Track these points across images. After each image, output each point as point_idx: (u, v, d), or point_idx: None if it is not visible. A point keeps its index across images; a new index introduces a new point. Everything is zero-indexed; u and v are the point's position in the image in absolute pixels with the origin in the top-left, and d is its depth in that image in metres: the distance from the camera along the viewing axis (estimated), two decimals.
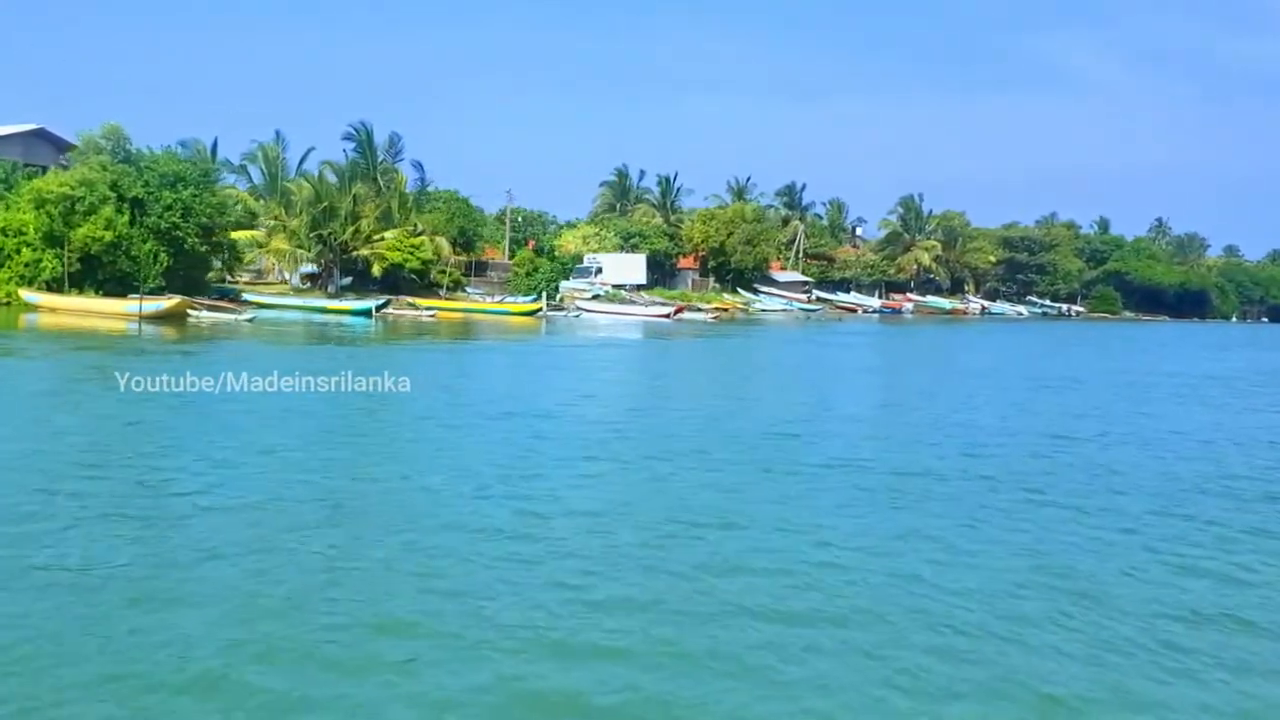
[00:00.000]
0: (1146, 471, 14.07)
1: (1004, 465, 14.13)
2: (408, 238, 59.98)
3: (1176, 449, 16.42)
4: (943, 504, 11.32)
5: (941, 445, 15.68)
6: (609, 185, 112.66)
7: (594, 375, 26.47)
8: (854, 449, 14.95)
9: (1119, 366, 37.94)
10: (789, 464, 13.43)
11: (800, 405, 20.88)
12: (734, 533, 9.65)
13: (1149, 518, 11.03)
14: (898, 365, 37.78)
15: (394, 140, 67.97)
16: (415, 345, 35.86)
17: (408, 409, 17.43)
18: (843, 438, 16.24)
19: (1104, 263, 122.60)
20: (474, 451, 13.56)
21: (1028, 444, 16.21)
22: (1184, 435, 18.26)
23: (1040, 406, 22.42)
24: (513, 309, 57.52)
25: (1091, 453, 15.63)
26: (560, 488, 11.35)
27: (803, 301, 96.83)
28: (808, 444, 15.41)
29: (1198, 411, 22.86)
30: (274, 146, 67.53)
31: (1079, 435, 17.53)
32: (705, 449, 14.29)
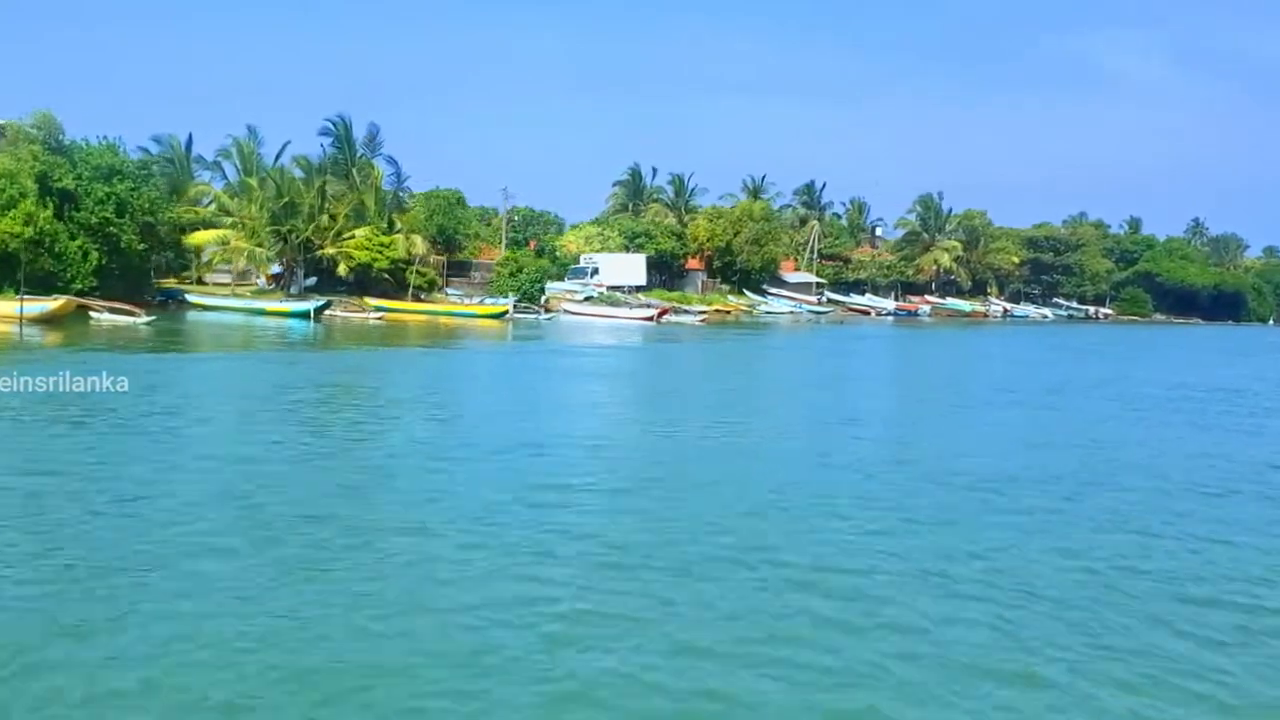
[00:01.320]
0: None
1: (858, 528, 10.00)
2: (377, 235, 56.33)
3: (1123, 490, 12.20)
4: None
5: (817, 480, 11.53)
6: (621, 185, 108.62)
7: (499, 387, 22.52)
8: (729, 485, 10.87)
9: (1115, 375, 33.30)
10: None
11: (698, 432, 16.81)
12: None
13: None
14: (873, 375, 33.39)
15: (373, 134, 64.52)
16: (332, 351, 32.13)
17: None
18: (701, 488, 12.13)
19: (1134, 263, 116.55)
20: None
21: (900, 491, 12.05)
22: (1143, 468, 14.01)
23: (964, 432, 18.20)
24: (479, 311, 53.70)
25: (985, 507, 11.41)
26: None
27: (812, 304, 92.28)
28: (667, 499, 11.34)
29: (1177, 434, 18.56)
30: (248, 142, 64.21)
31: (969, 472, 13.28)
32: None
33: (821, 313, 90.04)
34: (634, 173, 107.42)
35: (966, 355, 45.84)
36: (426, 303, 57.25)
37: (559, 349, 38.57)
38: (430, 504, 10.48)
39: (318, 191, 55.33)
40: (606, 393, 22.87)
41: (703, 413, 19.25)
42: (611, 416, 18.63)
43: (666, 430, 16.66)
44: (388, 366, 27.42)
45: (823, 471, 13.39)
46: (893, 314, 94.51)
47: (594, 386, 23.82)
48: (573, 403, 20.34)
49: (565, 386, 23.53)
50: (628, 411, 19.95)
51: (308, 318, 43.94)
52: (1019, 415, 20.90)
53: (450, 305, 55.47)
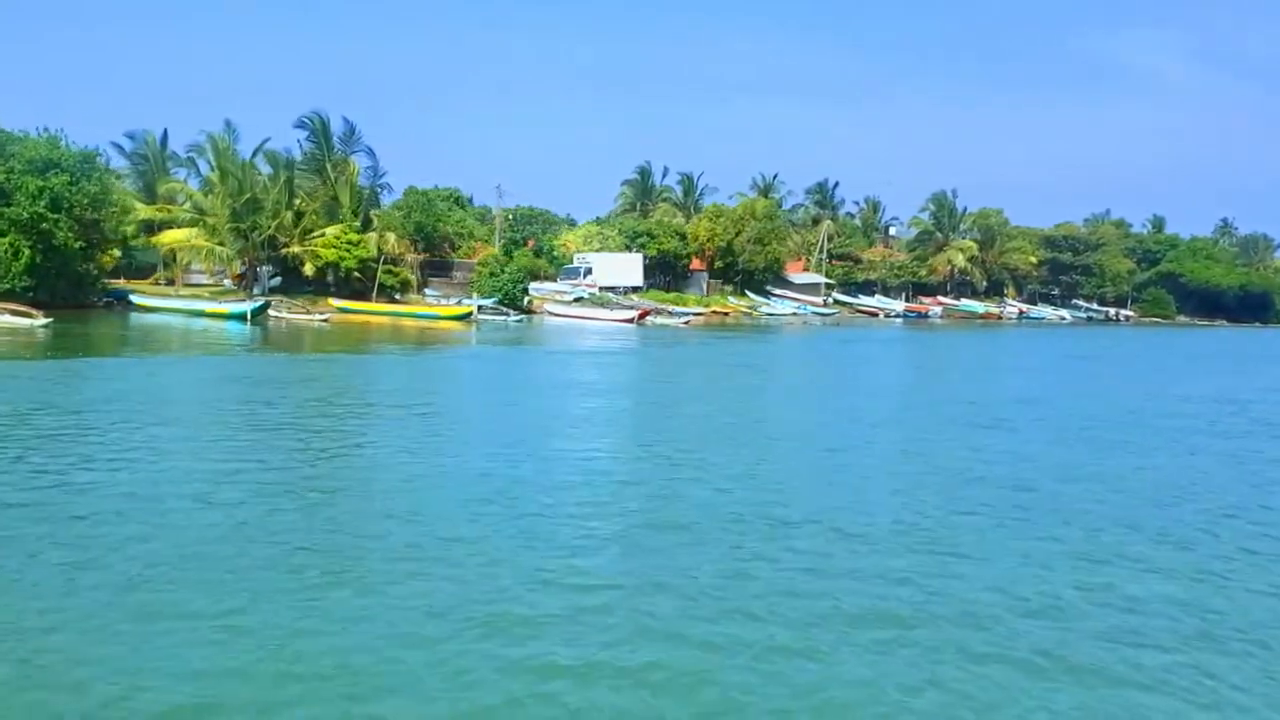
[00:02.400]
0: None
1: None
2: (345, 234, 53.35)
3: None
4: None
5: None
6: (630, 184, 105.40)
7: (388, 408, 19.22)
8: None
9: (1100, 387, 29.62)
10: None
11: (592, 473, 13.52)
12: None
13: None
14: (838, 390, 29.86)
15: (351, 129, 61.60)
16: (251, 356, 29.06)
17: None
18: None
19: (1157, 264, 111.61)
20: None
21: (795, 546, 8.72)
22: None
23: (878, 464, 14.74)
24: (443, 312, 50.54)
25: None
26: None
27: (817, 305, 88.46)
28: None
29: (1161, 459, 15.03)
30: (224, 137, 61.40)
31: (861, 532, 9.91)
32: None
33: (827, 314, 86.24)
34: (643, 172, 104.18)
35: (956, 362, 42.13)
36: (400, 304, 54.31)
37: (510, 356, 35.36)
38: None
39: (282, 187, 52.45)
40: (495, 423, 19.52)
41: (604, 452, 15.90)
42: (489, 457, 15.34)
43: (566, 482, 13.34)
44: (290, 377, 24.26)
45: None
46: (901, 316, 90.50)
47: (494, 411, 20.50)
48: (467, 436, 17.02)
49: (480, 408, 20.22)
50: (513, 447, 16.63)
51: (244, 320, 40.97)
52: (956, 446, 17.34)
53: (414, 306, 52.35)
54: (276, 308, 45.23)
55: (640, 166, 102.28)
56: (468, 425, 16.62)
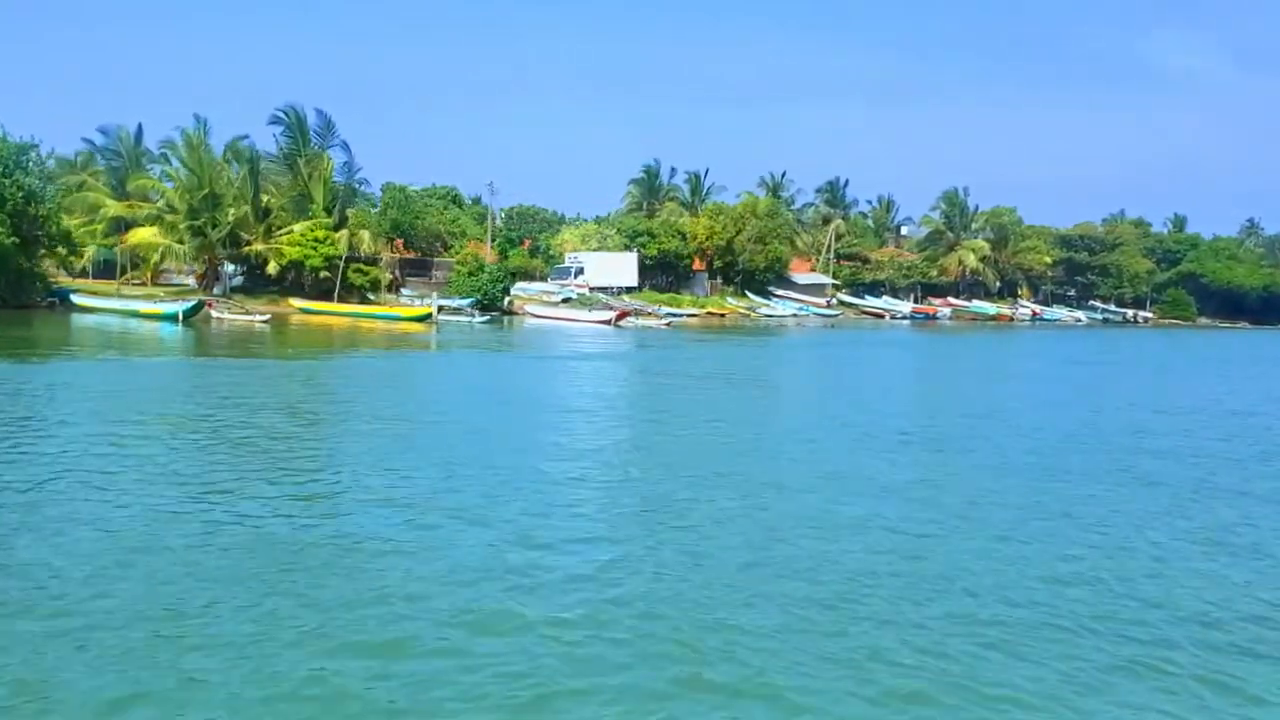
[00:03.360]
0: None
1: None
2: (312, 231, 50.79)
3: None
4: None
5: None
6: (636, 183, 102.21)
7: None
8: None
9: (1079, 397, 26.31)
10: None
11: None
12: None
13: None
14: (768, 403, 26.76)
15: (326, 123, 59.01)
16: (161, 359, 26.37)
17: None
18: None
19: (1177, 264, 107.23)
20: None
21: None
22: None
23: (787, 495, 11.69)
24: (403, 313, 47.78)
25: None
26: None
27: (820, 306, 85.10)
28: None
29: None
30: (197, 133, 59.02)
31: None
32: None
33: (829, 315, 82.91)
34: (650, 171, 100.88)
35: (939, 369, 38.84)
36: (372, 304, 51.69)
37: (454, 361, 32.45)
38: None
39: (244, 181, 49.96)
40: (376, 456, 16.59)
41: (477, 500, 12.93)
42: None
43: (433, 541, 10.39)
44: (180, 385, 21.50)
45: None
46: (908, 317, 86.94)
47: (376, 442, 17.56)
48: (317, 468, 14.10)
49: (363, 435, 17.29)
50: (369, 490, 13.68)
51: (175, 321, 38.37)
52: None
53: (375, 307, 49.60)
54: (218, 308, 42.65)
55: (647, 165, 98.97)
56: (321, 460, 13.70)
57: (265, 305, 49.08)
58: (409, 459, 13.24)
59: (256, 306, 44.79)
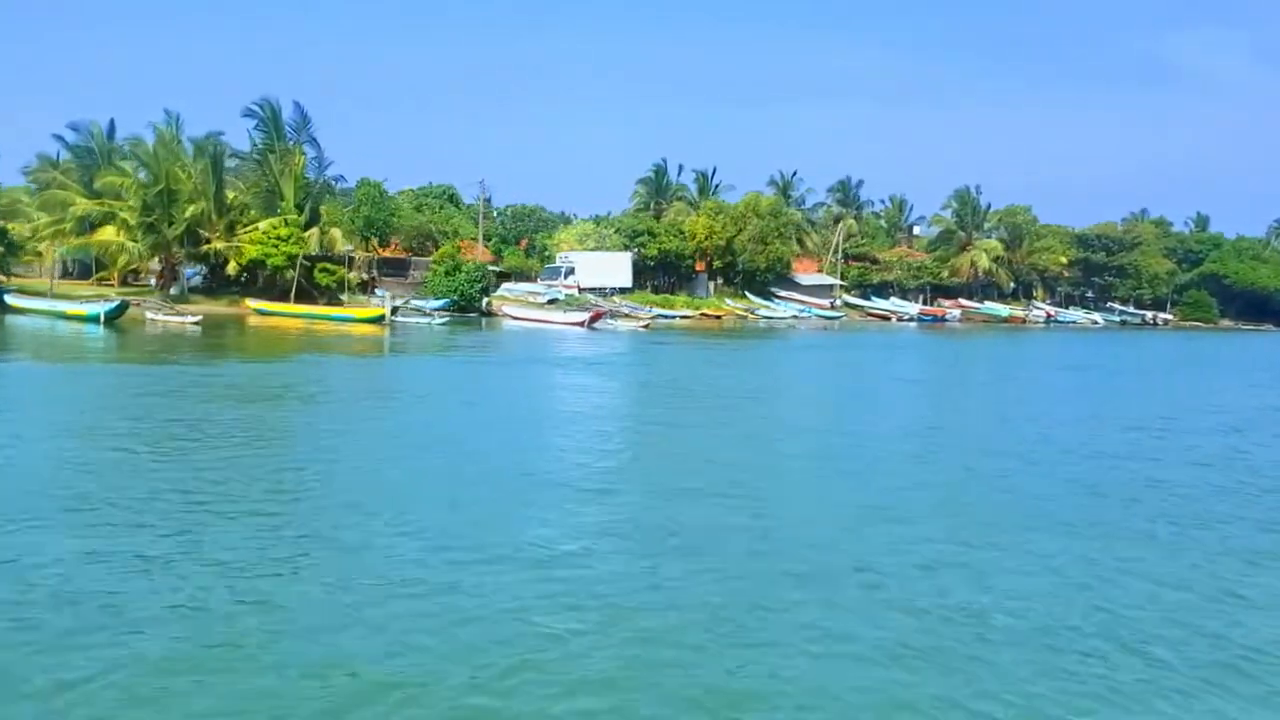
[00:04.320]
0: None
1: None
2: (276, 228, 48.20)
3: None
4: None
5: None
6: (644, 182, 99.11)
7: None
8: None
9: (1043, 410, 23.06)
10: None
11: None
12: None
13: None
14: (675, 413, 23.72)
15: (302, 117, 56.43)
16: (42, 369, 23.78)
17: None
18: None
19: (1199, 264, 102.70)
20: None
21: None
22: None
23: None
24: (356, 314, 45.02)
25: None
26: None
27: (824, 308, 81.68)
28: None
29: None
30: (169, 128, 56.59)
31: None
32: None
33: (832, 318, 79.55)
34: (658, 170, 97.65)
35: (912, 374, 35.56)
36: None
37: (385, 370, 29.68)
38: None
39: (203, 176, 47.44)
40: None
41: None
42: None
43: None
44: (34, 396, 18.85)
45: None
46: (916, 319, 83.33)
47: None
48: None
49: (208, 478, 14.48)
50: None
51: (98, 322, 35.83)
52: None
53: (329, 309, 46.82)
54: (147, 307, 40.08)
55: (655, 164, 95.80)
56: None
57: (223, 306, 46.67)
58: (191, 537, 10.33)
59: (192, 308, 42.18)
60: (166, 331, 35.90)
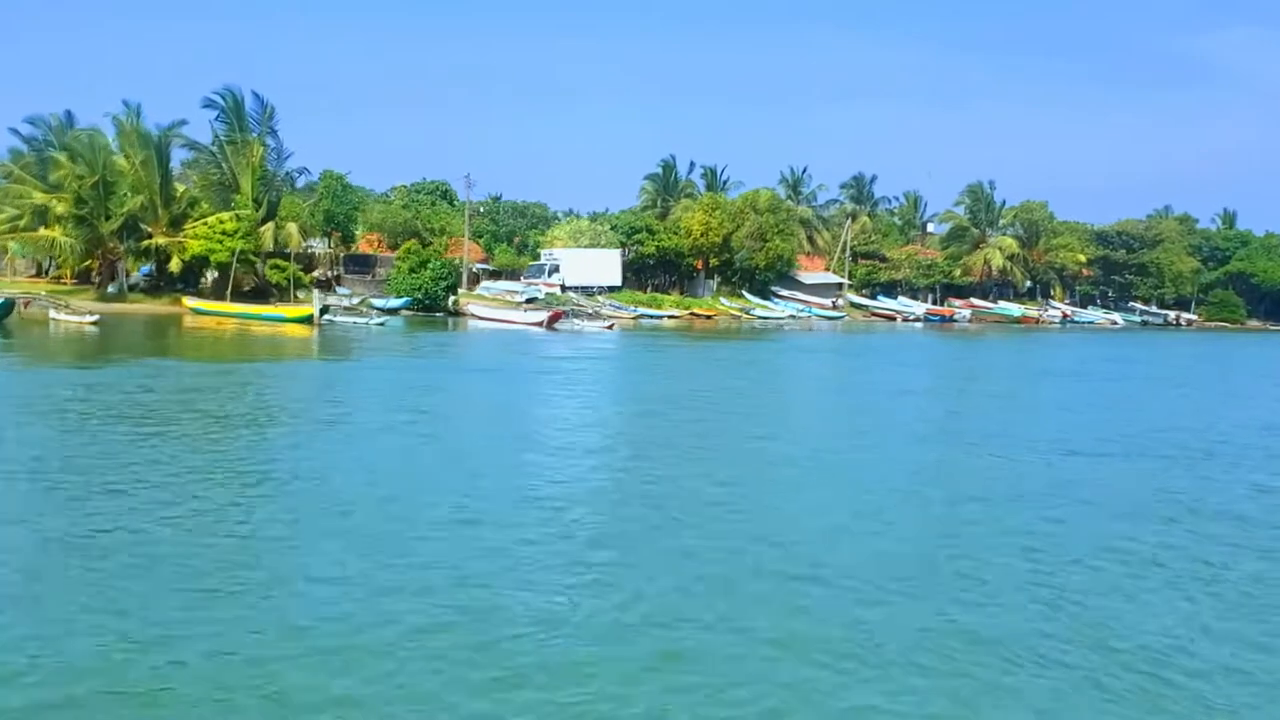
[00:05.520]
0: None
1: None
2: (221, 222, 44.98)
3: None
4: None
5: None
6: (652, 179, 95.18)
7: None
8: None
9: (979, 425, 19.02)
10: None
11: None
12: None
13: None
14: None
15: (264, 107, 53.28)
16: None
17: None
18: None
19: (1225, 263, 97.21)
20: None
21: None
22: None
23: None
24: (287, 314, 41.58)
25: None
26: None
27: (826, 307, 77.48)
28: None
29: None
30: (128, 120, 53.50)
31: None
32: None
33: (834, 318, 75.36)
34: (666, 166, 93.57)
35: (872, 382, 31.42)
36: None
37: (271, 382, 26.15)
38: None
39: (144, 168, 44.27)
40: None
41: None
42: None
43: None
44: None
45: None
46: (923, 319, 78.87)
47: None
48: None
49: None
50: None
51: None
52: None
53: (262, 307, 43.31)
54: (38, 304, 36.82)
55: (663, 160, 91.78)
56: None
57: (164, 305, 43.53)
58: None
59: (125, 308, 38.96)
60: (66, 332, 32.63)
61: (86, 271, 49.85)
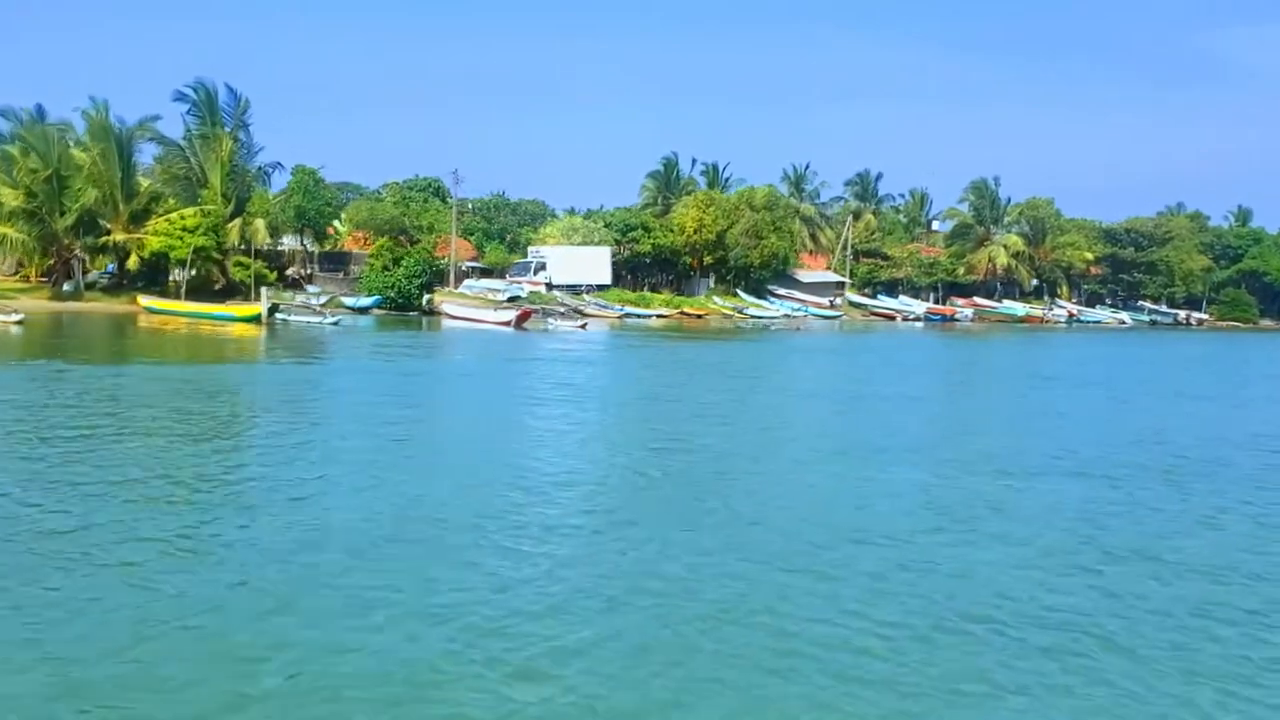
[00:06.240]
0: None
1: None
2: (182, 218, 43.27)
3: None
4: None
5: None
6: (653, 177, 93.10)
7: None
8: None
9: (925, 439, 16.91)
10: None
11: None
12: None
13: None
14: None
15: (238, 101, 51.67)
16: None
17: None
18: None
19: (1238, 260, 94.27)
20: None
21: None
22: None
23: None
24: (238, 313, 39.82)
25: None
26: None
27: (824, 306, 75.26)
28: None
29: None
30: (97, 113, 51.94)
31: None
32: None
33: (830, 317, 73.13)
34: (668, 164, 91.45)
35: (832, 389, 29.30)
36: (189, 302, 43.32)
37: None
38: None
39: (102, 162, 42.61)
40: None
41: None
42: None
43: None
44: None
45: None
46: (923, 319, 76.49)
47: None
48: None
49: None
50: None
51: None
52: None
53: (214, 306, 41.49)
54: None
55: (665, 158, 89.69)
56: None
57: (121, 304, 41.85)
58: None
59: (11, 305, 36.85)
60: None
61: (53, 269, 48.39)
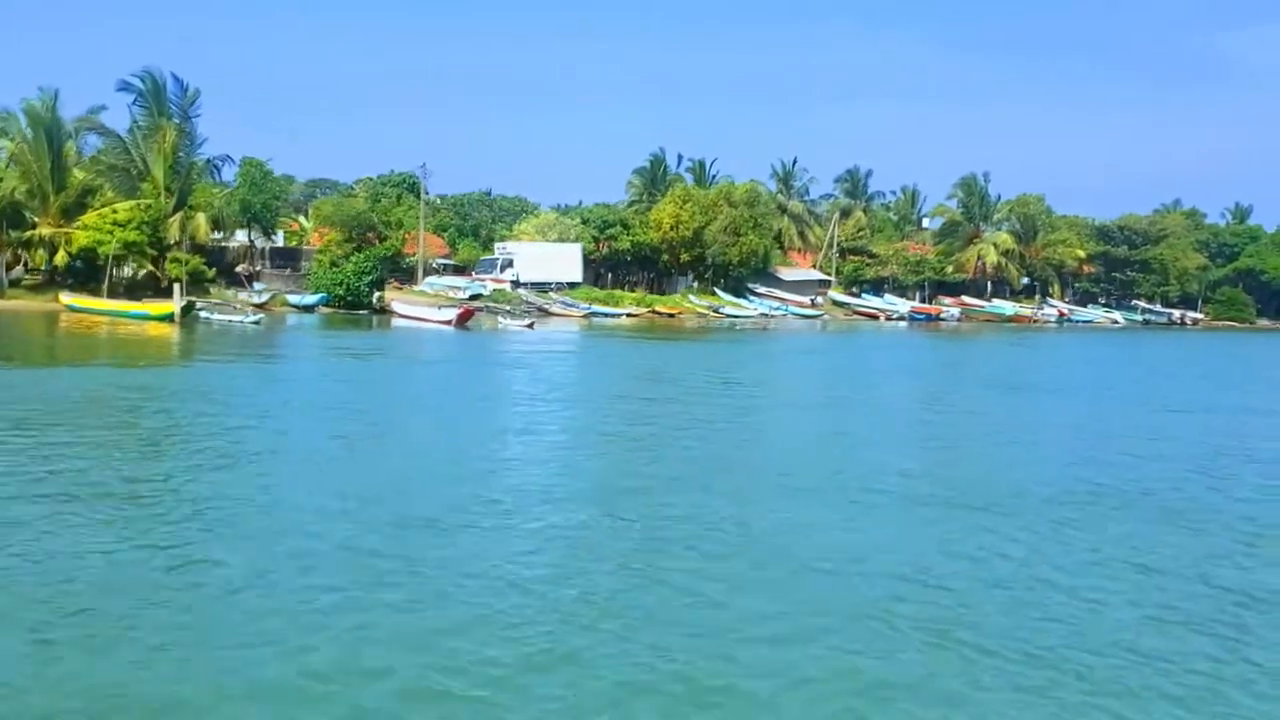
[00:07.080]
0: None
1: None
2: (114, 212, 40.92)
3: None
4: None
5: None
6: (640, 173, 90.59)
7: None
8: None
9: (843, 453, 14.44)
10: None
11: None
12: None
13: None
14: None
15: (186, 92, 49.27)
16: None
17: None
18: None
19: (1234, 259, 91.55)
20: None
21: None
22: None
23: None
24: (153, 311, 37.36)
25: None
26: None
27: (805, 305, 72.76)
28: None
29: None
30: (42, 105, 49.59)
31: None
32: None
33: (811, 317, 70.65)
34: (654, 160, 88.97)
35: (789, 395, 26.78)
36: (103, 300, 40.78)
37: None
38: None
39: (32, 153, 40.29)
40: None
41: None
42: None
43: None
44: None
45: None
46: (908, 318, 73.94)
47: None
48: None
49: None
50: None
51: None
52: None
53: (133, 305, 39.03)
54: None
55: (653, 154, 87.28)
56: None
57: (41, 302, 39.48)
58: None
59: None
60: None
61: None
